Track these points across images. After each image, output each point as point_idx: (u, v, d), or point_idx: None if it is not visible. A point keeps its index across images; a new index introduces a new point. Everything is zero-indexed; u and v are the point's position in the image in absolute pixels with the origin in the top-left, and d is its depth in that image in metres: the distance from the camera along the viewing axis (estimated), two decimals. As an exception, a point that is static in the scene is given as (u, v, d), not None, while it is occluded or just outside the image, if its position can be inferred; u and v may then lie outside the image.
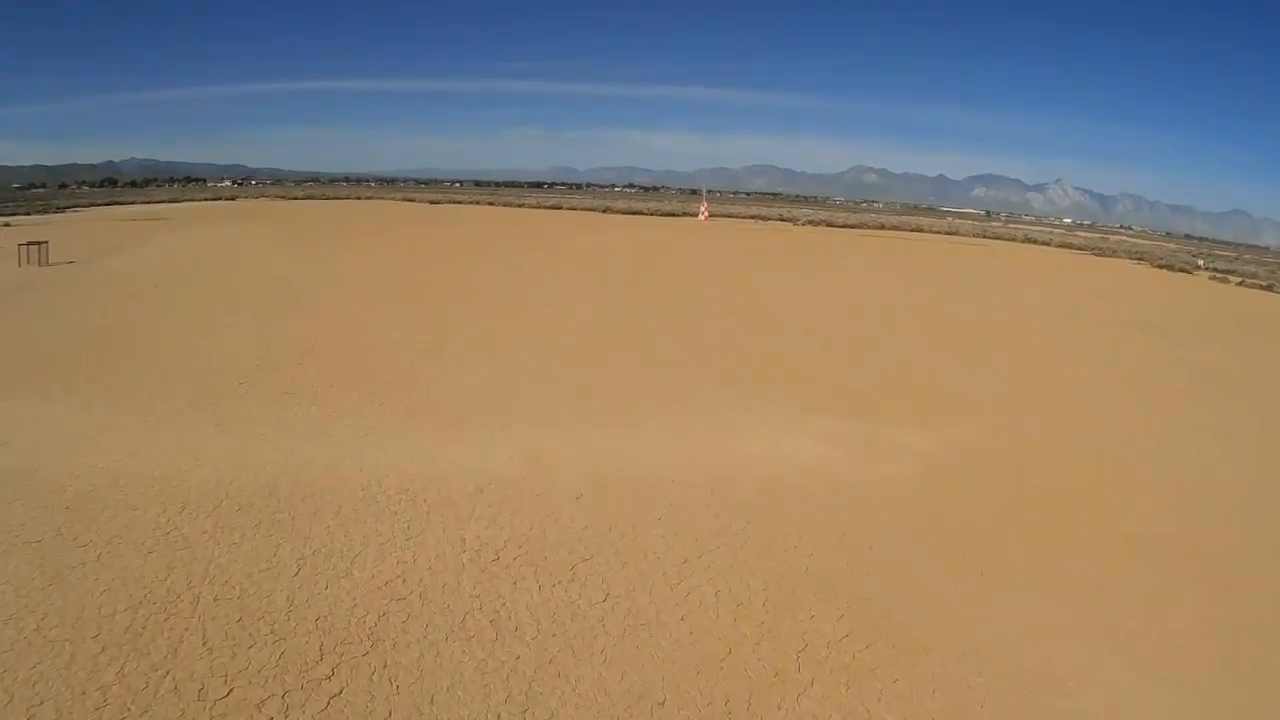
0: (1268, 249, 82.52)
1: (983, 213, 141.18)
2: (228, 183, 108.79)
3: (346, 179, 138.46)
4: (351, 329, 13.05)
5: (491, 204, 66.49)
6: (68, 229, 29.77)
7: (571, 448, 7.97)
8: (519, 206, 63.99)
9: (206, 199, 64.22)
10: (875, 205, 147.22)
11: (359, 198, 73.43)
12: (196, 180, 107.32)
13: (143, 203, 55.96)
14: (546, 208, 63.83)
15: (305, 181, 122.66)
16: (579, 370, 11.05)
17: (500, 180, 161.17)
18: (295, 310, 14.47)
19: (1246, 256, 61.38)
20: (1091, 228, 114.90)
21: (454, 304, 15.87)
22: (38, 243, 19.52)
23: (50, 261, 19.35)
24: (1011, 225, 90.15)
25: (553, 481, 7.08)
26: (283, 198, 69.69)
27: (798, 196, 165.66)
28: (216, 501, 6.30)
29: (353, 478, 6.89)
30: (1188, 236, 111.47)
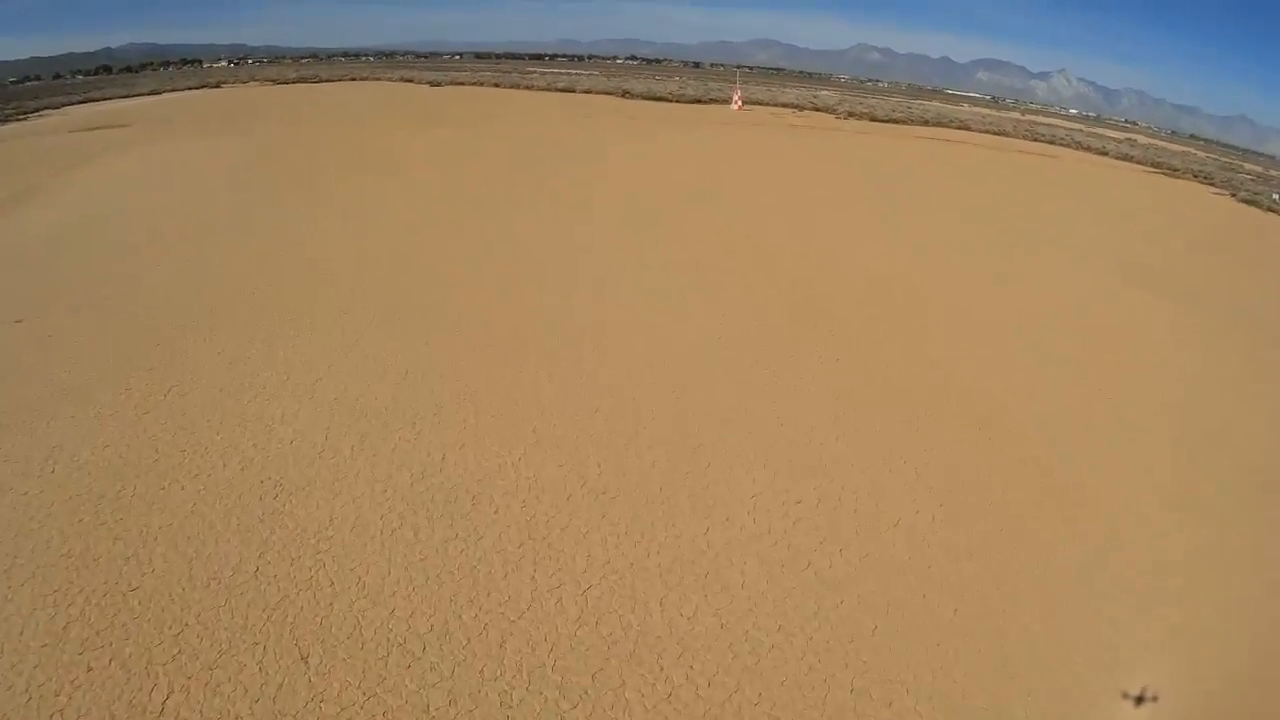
0: (1273, 159, 72.62)
1: (989, 98, 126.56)
2: (224, 63, 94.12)
3: (345, 54, 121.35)
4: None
5: (498, 85, 54.58)
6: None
7: None
8: (528, 89, 52.55)
9: (191, 87, 52.55)
10: (879, 85, 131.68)
11: (354, 78, 60.75)
12: (192, 62, 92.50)
13: (121, 96, 45.05)
14: (559, 90, 52.52)
15: (303, 58, 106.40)
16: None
17: (501, 52, 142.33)
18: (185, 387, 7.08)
19: (1275, 173, 52.02)
20: (1098, 120, 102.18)
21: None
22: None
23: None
24: (1029, 116, 78.77)
25: None
26: (274, 81, 57.44)
27: (802, 73, 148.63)
28: None
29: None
30: (1193, 137, 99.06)
